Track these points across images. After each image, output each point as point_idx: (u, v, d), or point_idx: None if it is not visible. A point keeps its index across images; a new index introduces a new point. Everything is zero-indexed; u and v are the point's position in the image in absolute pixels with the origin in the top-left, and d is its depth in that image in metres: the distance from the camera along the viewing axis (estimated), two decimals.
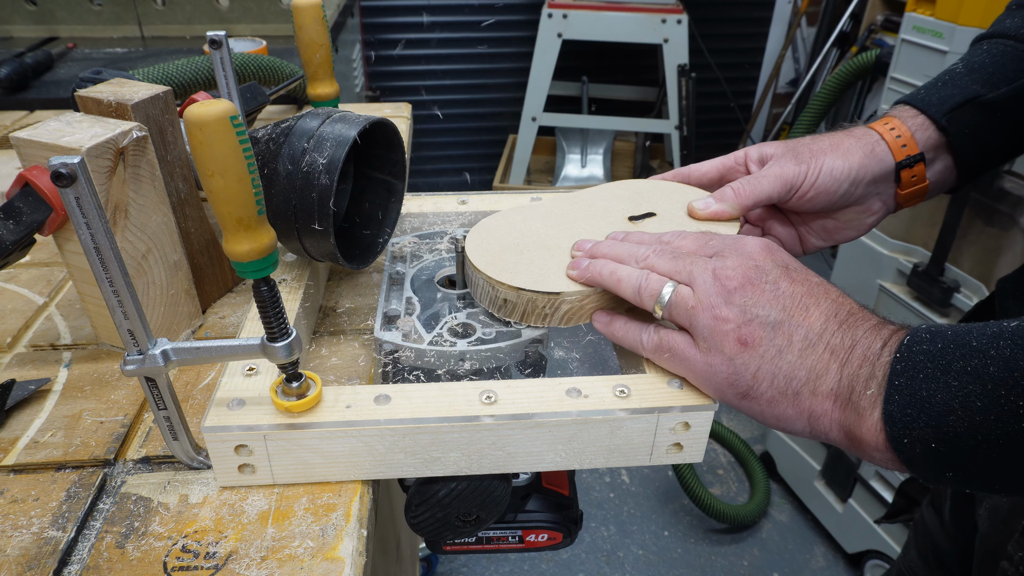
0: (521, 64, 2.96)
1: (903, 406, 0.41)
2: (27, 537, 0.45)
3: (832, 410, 0.44)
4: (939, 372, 0.40)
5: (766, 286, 0.46)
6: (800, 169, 0.59)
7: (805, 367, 0.44)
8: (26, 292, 0.69)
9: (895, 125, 0.61)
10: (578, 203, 0.65)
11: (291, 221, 0.56)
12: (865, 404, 0.43)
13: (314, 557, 0.43)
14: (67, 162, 0.37)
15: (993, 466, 0.39)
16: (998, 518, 0.68)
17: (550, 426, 0.48)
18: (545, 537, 0.60)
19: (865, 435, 0.43)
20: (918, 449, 0.40)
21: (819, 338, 0.45)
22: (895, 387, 0.41)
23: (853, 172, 0.60)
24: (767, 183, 0.60)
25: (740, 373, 0.45)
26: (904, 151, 0.61)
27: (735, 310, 0.46)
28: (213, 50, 0.63)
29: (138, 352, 0.44)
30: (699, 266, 0.48)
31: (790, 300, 0.46)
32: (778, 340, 0.45)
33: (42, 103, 1.18)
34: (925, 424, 0.40)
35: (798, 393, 0.45)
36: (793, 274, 0.48)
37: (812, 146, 0.61)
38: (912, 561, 0.91)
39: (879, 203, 0.63)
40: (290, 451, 0.47)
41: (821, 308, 0.46)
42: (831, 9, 2.81)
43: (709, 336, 0.46)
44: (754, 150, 0.63)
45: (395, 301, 0.61)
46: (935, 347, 0.41)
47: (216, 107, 0.38)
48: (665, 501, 2.00)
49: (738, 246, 0.49)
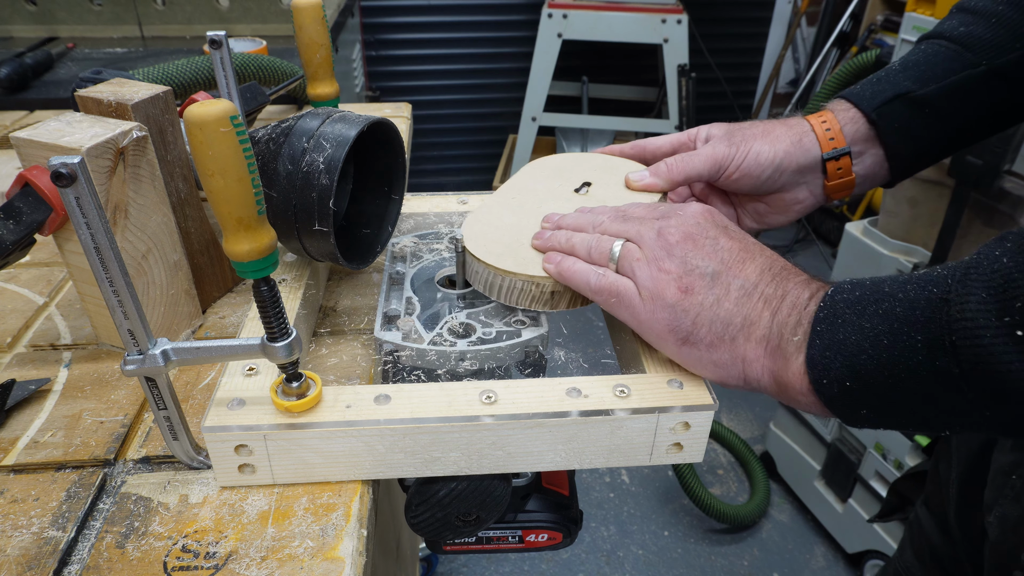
0: (521, 64, 2.96)
1: (823, 349, 0.44)
2: (27, 537, 0.45)
3: (763, 356, 0.47)
4: (854, 316, 0.43)
5: (706, 241, 0.51)
6: (730, 151, 0.64)
7: (741, 314, 0.48)
8: (26, 292, 0.70)
9: (827, 118, 0.65)
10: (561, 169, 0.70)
11: (291, 221, 0.56)
12: (791, 350, 0.46)
13: (314, 557, 0.43)
14: (67, 162, 0.37)
15: (900, 401, 0.42)
16: (1008, 525, 0.67)
17: (550, 426, 0.48)
18: (545, 537, 0.60)
19: (791, 379, 0.46)
20: (835, 389, 0.44)
21: (754, 288, 0.48)
22: (817, 332, 0.45)
23: (778, 159, 0.64)
24: (698, 161, 0.65)
25: (680, 319, 0.48)
26: (831, 144, 0.65)
27: (676, 262, 0.50)
28: (213, 50, 0.63)
29: (138, 352, 0.44)
30: (646, 226, 0.53)
31: (728, 254, 0.50)
32: (717, 289, 0.48)
33: (42, 103, 1.18)
34: (840, 364, 0.43)
35: (734, 338, 0.48)
36: (731, 233, 0.52)
37: (746, 131, 0.65)
38: (908, 561, 0.91)
39: (806, 192, 0.67)
40: (290, 451, 0.47)
41: (756, 262, 0.50)
42: (831, 9, 2.81)
43: (652, 286, 0.50)
44: (704, 129, 0.68)
45: (395, 301, 0.61)
46: (854, 295, 0.44)
47: (216, 107, 0.38)
48: (665, 501, 2.00)
49: (682, 209, 0.54)
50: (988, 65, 0.62)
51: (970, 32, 0.63)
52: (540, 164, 0.72)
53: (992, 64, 0.62)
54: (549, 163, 0.72)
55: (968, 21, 0.64)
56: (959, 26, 0.64)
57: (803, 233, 3.04)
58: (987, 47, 0.62)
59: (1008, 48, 0.62)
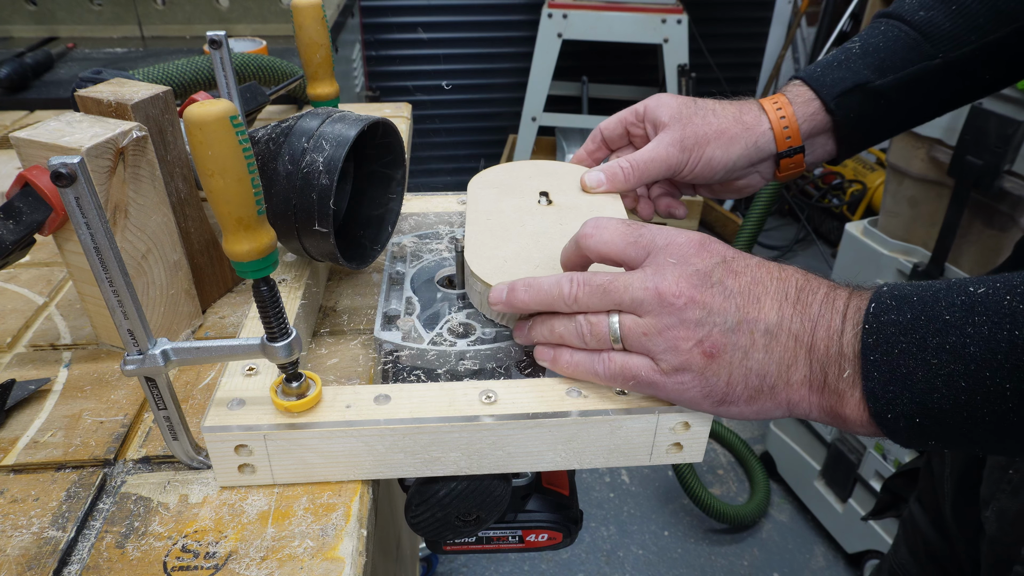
0: (521, 64, 2.96)
1: (884, 383, 0.41)
2: (27, 537, 0.45)
3: (809, 395, 0.44)
4: (915, 348, 0.40)
5: (714, 289, 0.44)
6: (683, 157, 0.64)
7: (774, 361, 0.44)
8: (26, 292, 0.70)
9: (786, 112, 0.64)
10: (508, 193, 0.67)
11: (291, 221, 0.56)
12: (844, 387, 0.43)
13: (314, 557, 0.43)
14: (67, 162, 0.37)
15: (980, 437, 0.40)
16: (1006, 520, 0.67)
17: (550, 426, 0.48)
18: (545, 537, 0.60)
19: (849, 414, 0.43)
20: (902, 423, 0.41)
21: (779, 328, 0.44)
22: (872, 363, 0.41)
23: (731, 162, 0.65)
24: (654, 168, 0.64)
25: (713, 384, 0.44)
26: (788, 143, 0.65)
27: (690, 326, 0.44)
28: (213, 50, 0.63)
29: (138, 352, 0.44)
30: (636, 288, 0.45)
31: (740, 297, 0.44)
32: (742, 341, 0.44)
33: (42, 103, 1.18)
34: (908, 401, 0.40)
35: (773, 387, 0.44)
36: (735, 265, 0.46)
37: (699, 131, 0.64)
38: (903, 558, 0.91)
39: (758, 178, 0.69)
40: (290, 451, 0.47)
41: (771, 295, 0.45)
42: (831, 9, 2.81)
43: (672, 357, 0.44)
44: (652, 108, 0.66)
45: (395, 301, 0.61)
46: (904, 317, 0.41)
47: (216, 107, 0.38)
48: (665, 501, 2.00)
49: (672, 250, 0.46)
50: (944, 59, 0.63)
51: (930, 19, 0.63)
52: (483, 183, 0.68)
53: (948, 58, 0.63)
54: (490, 179, 0.69)
55: (928, 4, 0.64)
56: (919, 9, 0.64)
57: (803, 233, 3.04)
58: (945, 38, 0.63)
59: (964, 41, 0.62)
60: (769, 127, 0.65)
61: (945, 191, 1.45)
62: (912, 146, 1.49)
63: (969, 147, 1.33)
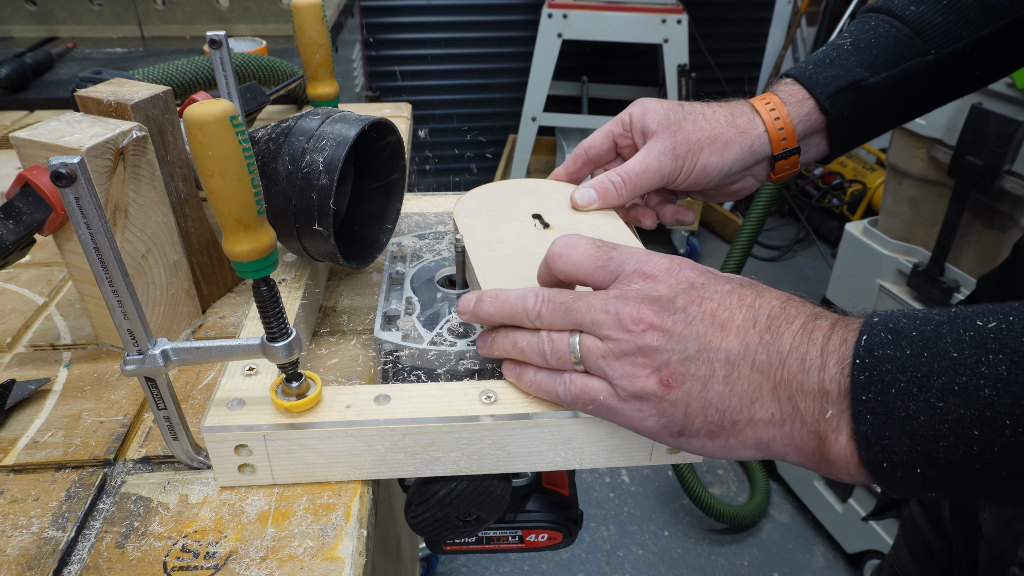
0: (521, 64, 2.96)
1: (879, 427, 0.36)
2: (27, 537, 0.45)
3: (781, 436, 0.40)
4: (915, 388, 0.35)
5: (676, 316, 0.42)
6: (676, 166, 0.62)
7: (736, 395, 0.41)
8: (26, 292, 0.70)
9: (780, 113, 0.63)
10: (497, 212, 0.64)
11: (291, 221, 0.56)
12: (826, 429, 0.39)
13: (314, 557, 0.43)
14: (67, 162, 0.37)
15: (994, 491, 0.36)
16: (1003, 521, 0.67)
17: (550, 426, 0.48)
18: (545, 537, 0.60)
19: (835, 460, 0.39)
20: (899, 473, 0.37)
21: (742, 359, 0.40)
22: (864, 403, 0.37)
23: (726, 168, 0.63)
24: (646, 180, 0.62)
25: (669, 414, 0.42)
26: (783, 144, 0.63)
27: (648, 353, 0.42)
28: (213, 50, 0.63)
29: (138, 352, 0.44)
30: (597, 310, 0.44)
31: (702, 324, 0.42)
32: (701, 371, 0.41)
33: (42, 103, 1.18)
34: (909, 448, 0.36)
35: (735, 423, 0.41)
36: (702, 291, 0.43)
37: (691, 136, 0.62)
38: (903, 559, 0.91)
39: (752, 180, 0.67)
40: (290, 451, 0.47)
41: (737, 322, 0.41)
42: (831, 9, 2.81)
43: (629, 384, 0.43)
44: (638, 116, 0.64)
45: (395, 301, 0.61)
46: (902, 353, 0.36)
47: (216, 107, 0.38)
48: (665, 501, 2.00)
49: (639, 275, 0.44)
50: (936, 55, 0.62)
51: (921, 14, 0.62)
52: (469, 211, 0.65)
53: (940, 54, 0.62)
54: (475, 206, 0.65)
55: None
56: (910, 4, 0.63)
57: (803, 233, 3.04)
58: (937, 34, 0.62)
59: (956, 37, 0.62)
60: (764, 130, 0.63)
61: (945, 191, 1.45)
62: (912, 146, 1.49)
63: (969, 147, 1.34)
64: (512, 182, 0.69)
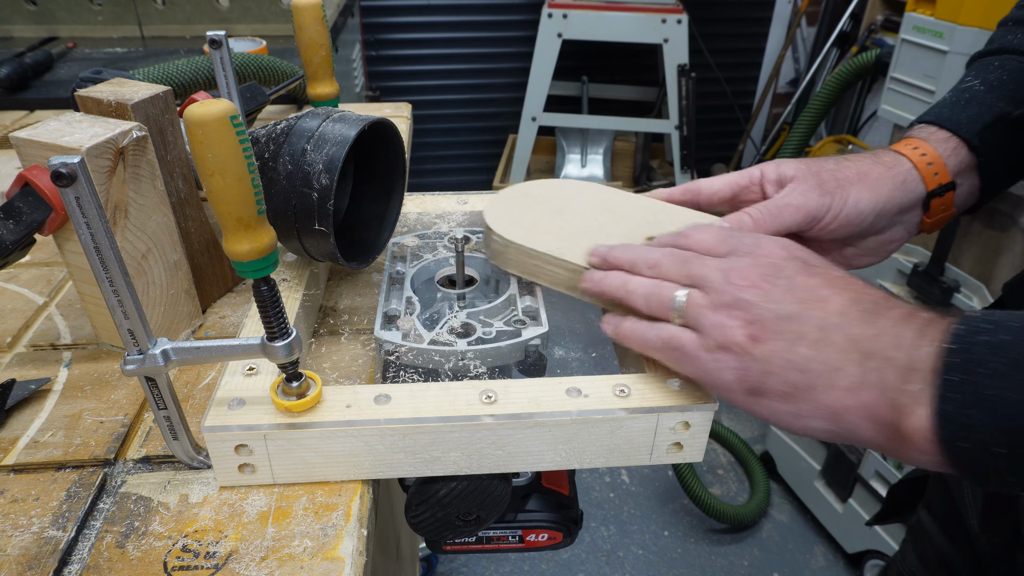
0: (521, 64, 2.96)
1: (962, 405, 0.36)
2: (27, 537, 0.45)
3: (856, 407, 0.40)
4: (1006, 367, 0.36)
5: (780, 281, 0.44)
6: (824, 201, 0.56)
7: (819, 359, 0.41)
8: (26, 292, 0.70)
9: (925, 150, 0.58)
10: (608, 202, 0.64)
11: (291, 221, 0.56)
12: (906, 400, 0.38)
13: (314, 557, 0.43)
14: (67, 162, 0.37)
15: None
16: None
17: (550, 426, 0.48)
18: (545, 537, 0.60)
19: (908, 433, 0.38)
20: (977, 454, 0.37)
21: (836, 328, 0.41)
22: (951, 384, 0.37)
23: (880, 205, 0.57)
24: (788, 214, 0.56)
25: (750, 368, 0.43)
26: (936, 179, 0.58)
27: (744, 306, 0.44)
28: (213, 50, 0.63)
29: (138, 352, 0.44)
30: (710, 267, 0.47)
31: (805, 292, 0.43)
32: (791, 331, 0.42)
33: (42, 103, 1.18)
34: (992, 427, 0.36)
35: (812, 386, 0.41)
36: (812, 268, 0.45)
37: (837, 174, 0.57)
38: (912, 565, 0.91)
39: (902, 231, 0.61)
40: (290, 451, 0.47)
41: (841, 298, 0.43)
42: (831, 9, 2.81)
43: (718, 334, 0.44)
44: (771, 169, 0.59)
45: (395, 301, 0.61)
46: (1000, 339, 0.37)
47: (216, 107, 0.38)
48: (665, 501, 2.00)
49: (756, 244, 0.48)
50: None
51: None
52: (585, 190, 0.65)
53: None
54: (594, 194, 0.65)
55: None
56: None
57: None
58: None
59: None
60: (912, 166, 0.58)
61: None
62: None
63: None
64: (634, 197, 0.65)
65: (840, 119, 2.68)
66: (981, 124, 0.59)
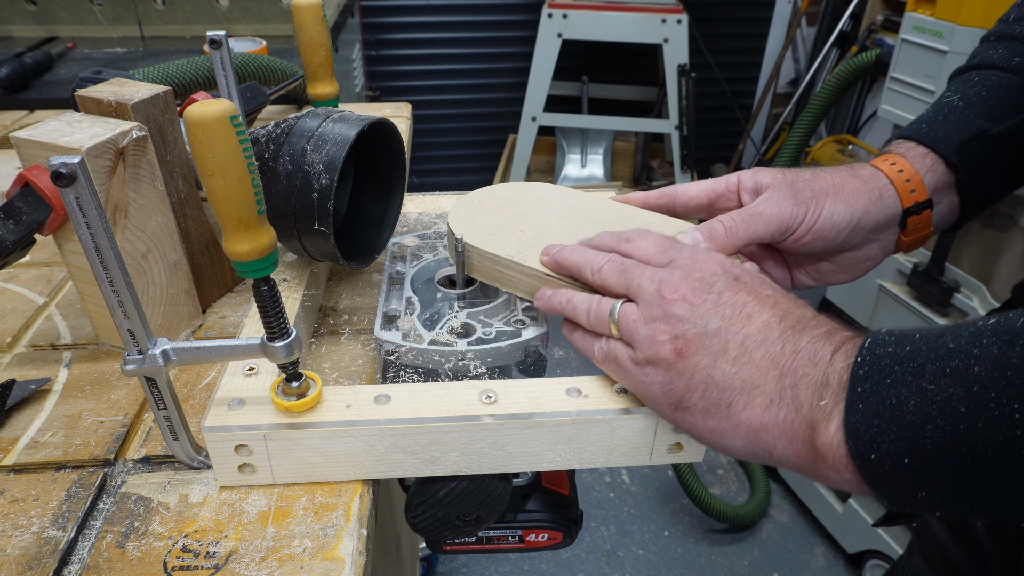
0: (521, 64, 2.96)
1: (868, 416, 0.37)
2: (27, 537, 0.45)
3: (773, 425, 0.41)
4: (910, 375, 0.36)
5: (709, 296, 0.45)
6: (799, 211, 0.55)
7: (740, 376, 0.42)
8: (26, 292, 0.70)
9: (903, 166, 0.58)
10: (575, 205, 0.63)
11: (291, 221, 0.56)
12: (819, 416, 0.39)
13: (314, 557, 0.43)
14: (67, 162, 0.37)
15: (981, 481, 0.35)
16: None
17: (550, 426, 0.48)
18: (545, 537, 0.60)
19: (822, 448, 0.39)
20: (887, 466, 0.36)
21: (757, 345, 0.42)
22: (857, 395, 0.37)
23: (855, 219, 0.56)
24: (761, 223, 0.55)
25: (674, 382, 0.44)
26: (912, 197, 0.57)
27: (673, 321, 0.44)
28: (213, 50, 0.63)
29: (138, 352, 0.44)
30: (646, 279, 0.47)
31: (731, 308, 0.44)
32: (714, 347, 0.43)
33: (42, 103, 1.18)
34: (896, 436, 0.36)
35: (731, 404, 0.42)
36: (741, 285, 0.45)
37: (813, 184, 0.56)
38: (918, 566, 0.90)
39: (878, 249, 0.60)
40: (290, 451, 0.47)
41: (765, 315, 0.43)
42: (831, 9, 2.81)
43: (646, 347, 0.45)
44: (748, 177, 0.59)
45: (395, 301, 0.61)
46: (903, 349, 0.37)
47: (216, 107, 0.38)
48: (665, 501, 2.00)
49: (692, 258, 0.48)
50: None
51: None
52: (554, 192, 0.64)
53: None
54: (563, 197, 0.64)
55: (1018, 50, 0.60)
56: (1012, 56, 0.60)
57: None
58: None
59: None
60: (888, 181, 0.57)
61: None
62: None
63: None
64: (602, 200, 0.64)
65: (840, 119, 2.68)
66: (959, 140, 0.58)
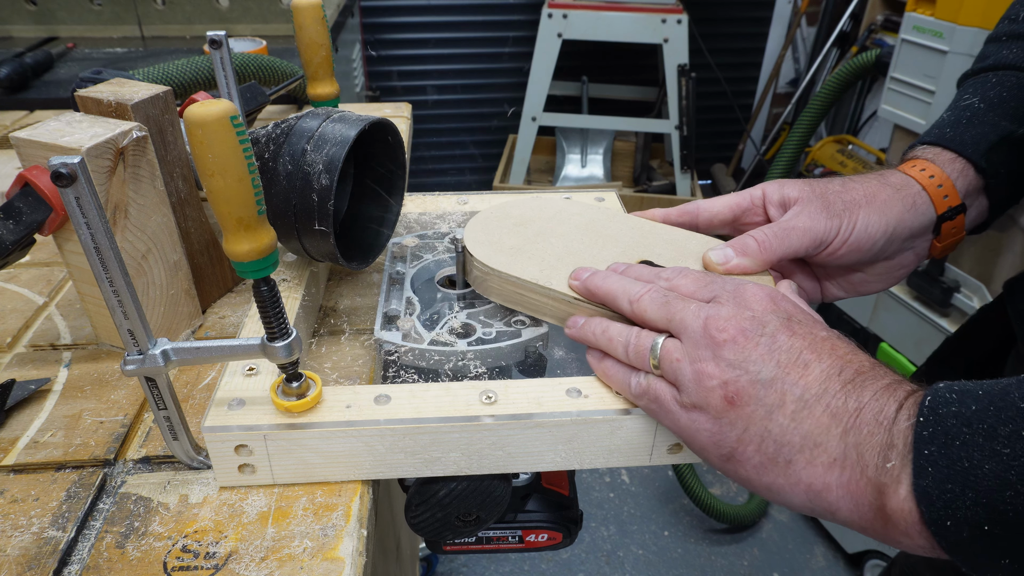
0: (521, 64, 2.97)
1: (940, 480, 0.35)
2: (27, 537, 0.45)
3: (837, 485, 0.39)
4: (980, 438, 0.34)
5: (761, 339, 0.42)
6: (832, 224, 0.53)
7: (800, 432, 0.39)
8: (26, 292, 0.69)
9: (933, 172, 0.56)
10: (594, 222, 0.62)
11: (291, 221, 0.56)
12: (886, 479, 0.37)
13: (314, 557, 0.43)
14: (67, 162, 0.37)
15: None
16: None
17: (550, 426, 0.48)
18: (545, 537, 0.60)
19: (892, 513, 0.37)
20: (965, 533, 0.34)
21: (817, 399, 0.40)
22: (925, 457, 0.35)
23: (891, 228, 0.54)
24: (795, 237, 0.53)
25: (725, 433, 0.42)
26: (946, 202, 0.56)
27: (722, 365, 0.42)
28: (213, 50, 0.63)
29: (138, 352, 0.44)
30: (690, 314, 0.44)
31: (787, 355, 0.41)
32: (769, 399, 0.40)
33: (42, 103, 1.18)
34: (973, 502, 0.34)
35: (790, 461, 0.40)
36: (795, 326, 0.43)
37: (844, 196, 0.55)
38: (915, 561, 0.91)
39: (912, 256, 0.59)
40: (290, 451, 0.47)
41: (823, 364, 0.41)
42: (831, 9, 2.81)
43: (694, 391, 0.42)
44: (774, 190, 0.57)
45: (395, 301, 0.61)
46: (967, 408, 0.36)
47: (216, 107, 0.38)
48: (665, 501, 2.00)
49: (739, 292, 0.45)
50: None
51: None
52: (569, 209, 0.62)
53: None
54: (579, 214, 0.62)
55: None
56: None
57: None
58: None
59: None
60: (921, 188, 0.56)
61: None
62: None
63: None
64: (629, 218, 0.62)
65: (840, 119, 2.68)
66: (987, 144, 0.57)
